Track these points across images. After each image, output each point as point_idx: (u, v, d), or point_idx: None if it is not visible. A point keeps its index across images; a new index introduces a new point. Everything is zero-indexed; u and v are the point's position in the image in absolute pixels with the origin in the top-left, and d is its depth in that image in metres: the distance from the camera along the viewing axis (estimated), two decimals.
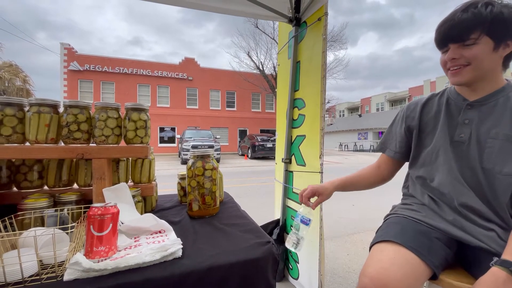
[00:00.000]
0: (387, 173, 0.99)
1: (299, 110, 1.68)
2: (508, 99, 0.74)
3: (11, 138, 0.87)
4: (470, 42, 0.70)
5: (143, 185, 1.03)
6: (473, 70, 0.72)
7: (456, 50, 0.73)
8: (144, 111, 0.98)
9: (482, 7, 0.67)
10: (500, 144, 0.71)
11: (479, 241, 0.70)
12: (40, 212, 0.80)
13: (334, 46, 17.74)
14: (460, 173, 0.77)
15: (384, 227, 0.85)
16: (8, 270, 0.57)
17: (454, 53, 0.73)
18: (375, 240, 0.79)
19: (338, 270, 1.97)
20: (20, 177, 0.94)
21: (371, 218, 3.29)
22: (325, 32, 1.42)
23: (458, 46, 0.72)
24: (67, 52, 16.85)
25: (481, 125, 0.75)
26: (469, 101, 0.78)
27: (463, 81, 0.75)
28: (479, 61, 0.70)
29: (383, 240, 0.76)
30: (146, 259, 0.63)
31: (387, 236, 0.76)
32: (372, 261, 0.70)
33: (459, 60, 0.73)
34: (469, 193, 0.75)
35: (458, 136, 0.78)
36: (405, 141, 0.94)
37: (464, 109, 0.79)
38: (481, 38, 0.68)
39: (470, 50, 0.70)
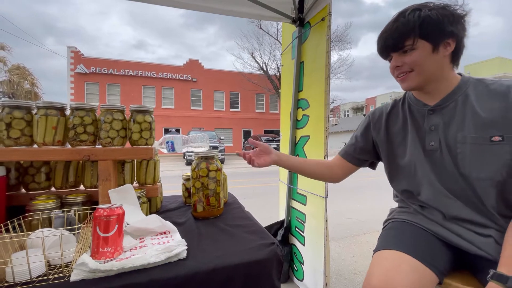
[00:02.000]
0: (343, 173, 0.99)
1: (303, 110, 1.68)
2: (466, 97, 0.72)
3: (20, 141, 0.88)
4: (408, 48, 0.71)
5: (148, 186, 1.04)
6: (417, 74, 0.73)
7: (397, 58, 0.75)
8: (149, 113, 0.99)
9: (410, 14, 0.69)
10: (470, 149, 0.69)
11: (478, 249, 0.68)
12: (48, 213, 0.81)
13: (338, 46, 17.67)
14: (442, 184, 0.75)
15: (385, 234, 0.84)
16: (17, 271, 0.58)
17: (396, 61, 0.75)
18: (378, 247, 0.77)
19: (343, 271, 1.96)
20: (28, 178, 0.96)
21: (376, 219, 3.25)
22: (329, 32, 1.41)
23: (399, 54, 0.74)
24: (73, 55, 17.13)
25: (447, 130, 0.74)
26: (429, 106, 0.77)
27: (412, 86, 0.75)
28: (421, 65, 0.71)
29: (385, 248, 0.74)
30: (151, 260, 0.63)
31: (390, 243, 0.75)
32: (376, 270, 0.68)
33: (403, 67, 0.74)
34: (456, 204, 0.73)
35: (429, 144, 0.77)
36: (366, 149, 0.94)
37: (426, 115, 0.78)
38: (416, 43, 0.70)
39: (410, 56, 0.71)
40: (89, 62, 17.34)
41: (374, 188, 5.20)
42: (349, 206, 3.97)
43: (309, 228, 1.60)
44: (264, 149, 0.97)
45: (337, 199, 4.31)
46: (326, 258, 1.45)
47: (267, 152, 0.97)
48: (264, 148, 0.97)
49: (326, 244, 1.45)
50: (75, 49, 17.18)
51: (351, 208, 3.83)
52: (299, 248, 1.71)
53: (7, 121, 0.86)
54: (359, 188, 5.29)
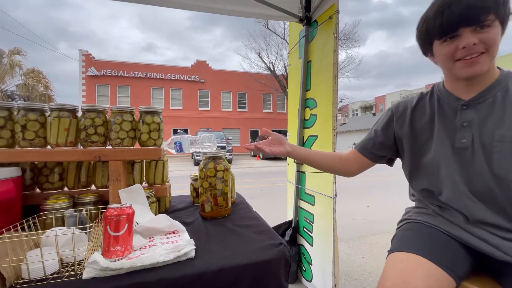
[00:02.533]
0: (357, 168, 0.93)
1: (310, 110, 1.66)
2: (506, 92, 0.66)
3: (34, 142, 0.91)
4: (487, 24, 0.60)
5: (157, 186, 1.05)
6: (489, 57, 0.63)
7: (471, 34, 0.62)
8: (157, 114, 1.01)
9: None
10: (510, 148, 0.63)
11: (504, 254, 0.64)
12: (61, 213, 0.83)
13: (346, 44, 17.45)
14: (468, 187, 0.70)
15: (401, 235, 0.80)
16: (32, 268, 0.60)
17: (471, 38, 0.62)
18: (393, 249, 0.74)
19: (353, 272, 1.93)
20: (42, 179, 0.99)
21: (386, 219, 3.20)
22: (337, 30, 1.40)
23: (473, 30, 0.62)
24: (85, 58, 17.56)
25: (483, 126, 0.67)
26: (463, 101, 0.71)
27: (483, 70, 0.64)
28: (496, 47, 0.62)
29: (401, 250, 0.71)
30: (160, 259, 0.64)
31: (406, 246, 0.71)
32: (392, 273, 0.65)
33: (477, 47, 0.62)
34: (481, 208, 0.68)
35: (460, 142, 0.70)
36: (386, 144, 0.87)
37: (460, 110, 0.71)
38: (494, 21, 0.61)
39: (488, 34, 0.61)
40: (100, 64, 17.74)
41: (384, 188, 5.11)
42: (358, 206, 3.91)
43: (318, 229, 1.59)
44: (277, 138, 0.92)
45: (346, 199, 4.26)
46: (335, 259, 1.43)
47: (280, 142, 0.92)
48: (277, 138, 0.92)
49: (335, 244, 1.43)
50: (86, 52, 17.62)
51: (360, 209, 3.78)
52: (307, 248, 1.70)
53: (22, 123, 0.89)
54: (369, 188, 5.21)
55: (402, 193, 0.98)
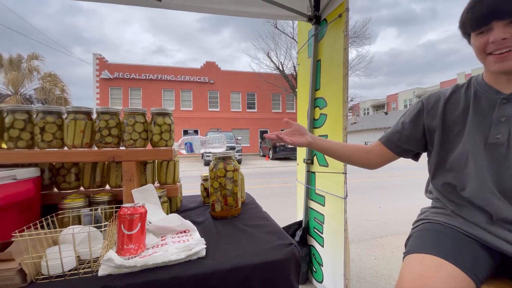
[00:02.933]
0: (380, 161, 0.90)
1: (320, 109, 1.65)
2: None
3: (52, 143, 0.95)
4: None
5: (169, 186, 1.07)
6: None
7: (504, 28, 0.61)
8: (168, 115, 1.03)
9: None
10: None
11: None
12: (77, 211, 0.86)
13: (357, 42, 17.17)
14: (496, 184, 0.67)
15: (418, 236, 0.77)
16: (51, 264, 0.63)
17: (504, 32, 0.60)
18: (411, 250, 0.71)
19: (364, 274, 1.90)
20: (60, 179, 1.03)
21: (399, 221, 3.12)
22: (347, 28, 1.38)
23: (505, 24, 0.61)
24: (98, 61, 18.07)
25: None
26: (504, 95, 0.67)
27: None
28: None
29: (420, 251, 0.68)
30: (172, 258, 0.65)
31: (424, 246, 0.69)
32: (410, 275, 0.63)
33: (508, 41, 0.61)
34: (507, 207, 0.65)
35: (494, 137, 0.67)
36: (414, 138, 0.83)
37: (499, 104, 0.68)
38: None
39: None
40: (112, 68, 18.21)
41: (397, 189, 4.99)
42: (370, 207, 3.84)
43: (328, 229, 1.58)
44: (298, 129, 0.90)
45: (357, 200, 4.19)
46: (346, 260, 1.42)
47: (301, 133, 0.89)
48: (298, 128, 0.90)
49: (346, 245, 1.42)
50: (100, 56, 18.14)
51: (372, 209, 3.71)
52: (318, 249, 1.69)
53: (41, 125, 0.93)
54: (381, 189, 5.11)
55: (415, 194, 0.95)
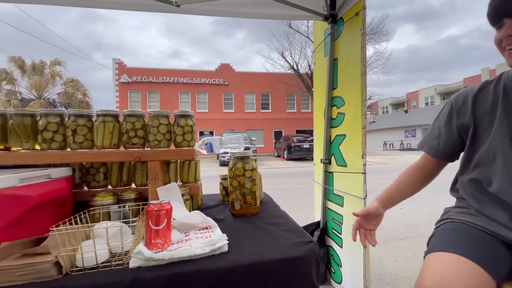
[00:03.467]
0: (432, 172, 0.88)
1: (338, 108, 1.64)
2: None
3: (83, 145, 1.01)
4: None
5: (190, 185, 1.11)
6: None
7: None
8: (190, 117, 1.07)
9: None
10: None
11: None
12: (107, 208, 0.92)
13: (374, 39, 16.71)
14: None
15: (439, 235, 0.77)
16: (85, 257, 0.68)
17: (511, 29, 0.63)
18: (432, 249, 0.71)
19: (385, 276, 1.86)
20: (89, 178, 1.09)
21: (420, 222, 3.01)
22: (364, 26, 1.36)
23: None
24: (118, 66, 18.83)
25: None
26: None
27: None
28: None
29: (441, 250, 0.68)
30: (197, 252, 0.68)
31: (445, 245, 0.69)
32: (431, 272, 0.63)
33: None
34: None
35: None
36: (452, 140, 0.82)
37: None
38: None
39: None
40: (131, 72, 18.91)
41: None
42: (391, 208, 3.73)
43: (347, 230, 1.56)
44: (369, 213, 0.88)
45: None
46: (366, 261, 1.39)
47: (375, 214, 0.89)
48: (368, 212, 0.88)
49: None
50: (119, 60, 18.89)
51: (393, 210, 3.59)
52: (336, 250, 1.67)
53: (73, 128, 1.00)
54: None
55: (438, 196, 0.93)
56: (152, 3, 1.50)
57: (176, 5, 1.54)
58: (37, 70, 16.57)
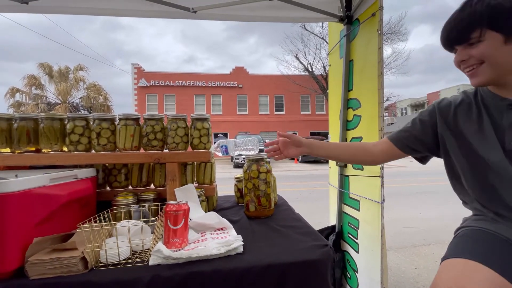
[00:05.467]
0: (381, 158, 0.89)
1: (353, 110, 1.61)
2: None
3: (106, 147, 1.07)
4: (474, 41, 0.64)
5: (206, 186, 1.14)
6: (489, 67, 0.65)
7: (462, 51, 0.68)
8: (206, 120, 1.10)
9: (478, 3, 0.62)
10: None
11: None
12: (128, 207, 0.96)
13: (392, 39, 16.25)
14: None
15: (456, 242, 0.75)
16: (109, 253, 0.71)
17: (462, 55, 0.68)
18: (447, 255, 0.70)
19: (404, 284, 1.79)
20: (112, 178, 1.15)
21: (442, 229, 2.88)
22: (381, 27, 1.34)
23: (464, 47, 0.67)
24: (136, 71, 19.53)
25: None
26: (509, 100, 0.67)
27: (484, 81, 0.67)
28: (491, 57, 0.64)
29: (456, 256, 0.67)
30: (213, 252, 0.70)
31: (461, 251, 0.67)
32: (445, 278, 0.62)
33: (469, 61, 0.67)
34: None
35: (510, 144, 0.66)
36: (424, 141, 0.82)
37: (506, 110, 0.68)
38: (484, 35, 0.63)
39: (477, 49, 0.65)
40: (149, 76, 19.55)
41: (439, 194, 4.60)
42: (410, 213, 3.60)
43: (364, 235, 1.52)
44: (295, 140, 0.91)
45: (395, 206, 3.95)
46: (384, 267, 1.35)
47: (295, 145, 0.91)
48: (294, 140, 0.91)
49: (383, 252, 1.36)
50: (137, 65, 19.60)
51: (412, 216, 3.47)
52: (352, 255, 1.64)
53: (97, 131, 1.06)
54: (421, 194, 4.75)
55: (458, 202, 0.89)
56: (170, 9, 1.55)
57: (193, 11, 1.58)
58: (63, 75, 17.53)
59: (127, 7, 1.54)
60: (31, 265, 0.65)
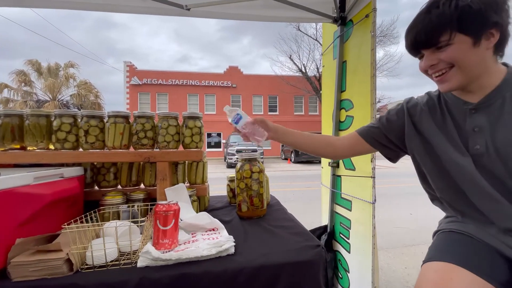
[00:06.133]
0: (346, 152, 0.90)
1: (346, 111, 1.62)
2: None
3: (94, 145, 1.04)
4: (443, 44, 0.61)
5: (198, 186, 1.12)
6: (459, 71, 0.63)
7: (430, 55, 0.65)
8: (199, 119, 1.08)
9: (445, 4, 0.59)
10: None
11: None
12: (117, 208, 0.93)
13: (384, 42, 16.50)
14: (494, 192, 0.64)
15: (434, 245, 0.77)
16: (95, 255, 0.69)
17: (430, 59, 0.65)
18: (426, 259, 0.71)
19: (394, 283, 1.82)
20: (100, 177, 1.12)
21: (431, 229, 2.92)
22: (374, 28, 1.35)
23: (432, 51, 0.64)
24: (129, 69, 19.22)
25: (495, 132, 0.63)
26: (471, 104, 0.66)
27: (454, 86, 0.65)
28: (462, 61, 0.61)
29: (435, 259, 0.68)
30: (204, 253, 0.68)
31: (439, 255, 0.68)
32: (425, 283, 0.63)
33: (439, 65, 0.64)
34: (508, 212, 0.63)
35: (473, 148, 0.66)
36: (388, 136, 0.82)
37: (468, 114, 0.67)
38: (453, 38, 0.60)
39: (446, 53, 0.62)
40: (141, 74, 19.27)
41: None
42: (400, 213, 3.65)
43: (355, 235, 1.53)
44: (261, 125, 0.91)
45: (386, 206, 4.00)
46: (375, 267, 1.36)
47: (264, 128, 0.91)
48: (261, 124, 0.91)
49: (375, 252, 1.37)
50: (130, 63, 19.30)
51: (403, 216, 3.52)
52: (344, 255, 1.64)
53: (85, 128, 1.03)
54: (412, 195, 4.83)
55: None
56: (163, 6, 1.52)
57: (186, 9, 1.56)
58: (52, 72, 17.12)
59: (119, 3, 1.51)
60: (13, 266, 0.63)
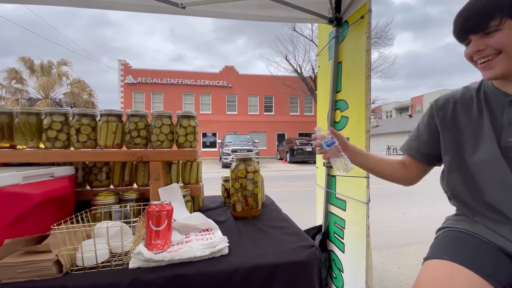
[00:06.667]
0: (414, 174, 0.88)
1: (341, 112, 1.63)
2: None
3: (86, 144, 1.02)
4: (492, 30, 0.61)
5: (192, 186, 1.11)
6: (506, 57, 0.62)
7: (478, 41, 0.64)
8: (193, 118, 1.07)
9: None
10: None
11: None
12: (109, 208, 0.92)
13: (379, 43, 16.68)
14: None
15: (437, 243, 0.76)
16: (86, 256, 0.67)
17: (477, 45, 0.64)
18: (428, 257, 0.71)
19: (388, 283, 1.83)
20: (92, 177, 1.10)
21: (424, 228, 2.97)
22: (369, 30, 1.35)
23: (480, 36, 0.64)
24: (123, 67, 19.01)
25: None
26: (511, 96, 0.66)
27: (499, 73, 0.64)
28: (509, 47, 0.61)
29: (437, 257, 0.68)
30: (197, 254, 0.67)
31: (442, 253, 0.68)
32: (425, 280, 0.63)
33: (485, 51, 0.64)
34: None
35: (505, 141, 0.66)
36: (431, 143, 0.82)
37: (507, 106, 0.67)
38: (504, 23, 0.60)
39: (494, 38, 0.62)
40: (136, 73, 19.08)
41: (422, 195, 4.75)
42: (394, 213, 3.69)
43: (349, 235, 1.54)
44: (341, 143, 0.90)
45: (380, 206, 4.04)
46: (368, 267, 1.37)
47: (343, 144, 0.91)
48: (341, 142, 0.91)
49: (368, 252, 1.37)
50: (124, 61, 19.09)
51: (396, 216, 3.56)
52: (338, 255, 1.65)
53: (77, 127, 1.01)
54: (405, 195, 4.89)
55: (442, 201, 0.91)
56: (158, 4, 1.51)
57: (181, 7, 1.54)
58: (45, 70, 16.82)
59: (114, 0, 1.49)
60: (1, 268, 0.61)
